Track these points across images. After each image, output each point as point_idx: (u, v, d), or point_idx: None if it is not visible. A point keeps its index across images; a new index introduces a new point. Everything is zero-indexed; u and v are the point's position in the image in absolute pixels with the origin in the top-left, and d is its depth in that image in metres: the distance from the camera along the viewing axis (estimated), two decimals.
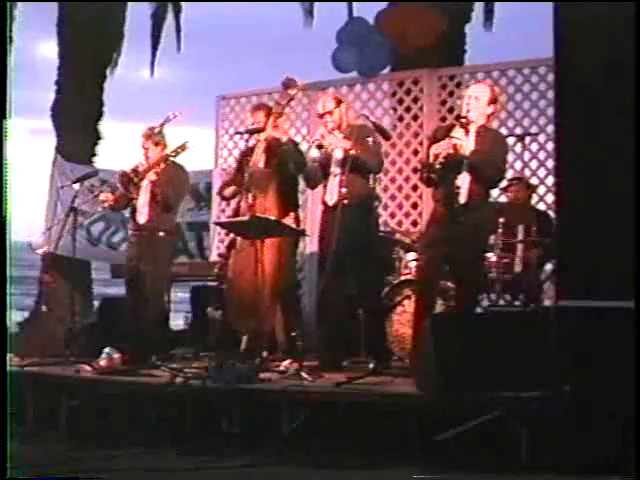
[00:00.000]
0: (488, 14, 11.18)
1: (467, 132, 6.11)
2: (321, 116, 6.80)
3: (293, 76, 6.87)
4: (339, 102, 6.82)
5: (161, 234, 6.94)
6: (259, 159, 6.81)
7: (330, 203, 6.64)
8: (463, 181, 6.06)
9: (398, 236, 7.75)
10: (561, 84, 5.42)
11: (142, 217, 6.99)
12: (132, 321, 6.95)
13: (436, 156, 6.03)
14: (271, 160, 6.85)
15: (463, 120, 6.13)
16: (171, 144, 7.05)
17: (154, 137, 7.02)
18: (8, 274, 5.45)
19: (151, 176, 6.93)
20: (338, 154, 6.61)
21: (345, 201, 6.40)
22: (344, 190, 6.42)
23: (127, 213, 10.26)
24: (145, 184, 6.97)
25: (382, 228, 7.69)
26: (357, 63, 8.62)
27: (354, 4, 11.16)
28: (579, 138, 5.21)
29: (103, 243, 10.96)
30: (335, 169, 6.63)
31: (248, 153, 7.04)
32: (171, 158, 6.93)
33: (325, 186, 6.76)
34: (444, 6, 9.02)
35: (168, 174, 6.94)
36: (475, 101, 6.19)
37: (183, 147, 6.93)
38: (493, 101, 6.29)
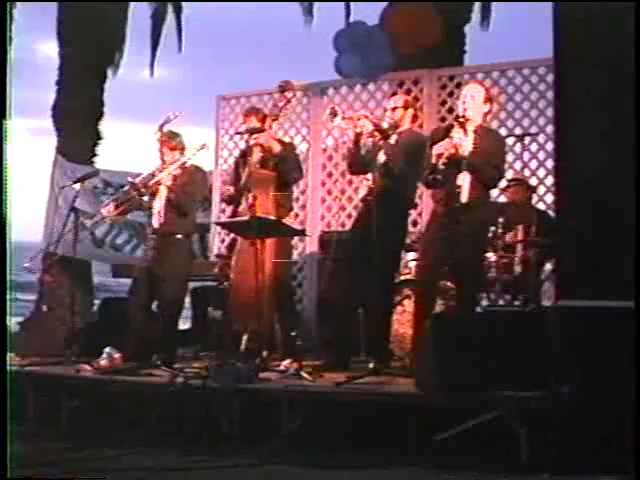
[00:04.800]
0: (485, 14, 11.20)
1: (466, 131, 6.12)
2: (387, 109, 6.93)
3: (291, 78, 6.89)
4: (407, 106, 6.86)
5: (179, 236, 6.95)
6: (256, 162, 6.81)
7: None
8: (464, 180, 6.07)
9: None
10: (561, 84, 5.42)
11: (159, 221, 6.98)
12: (139, 321, 6.91)
13: (438, 156, 6.04)
14: (268, 164, 6.86)
15: (461, 119, 6.15)
16: (188, 147, 7.03)
17: (170, 141, 7.00)
18: (8, 274, 5.45)
19: (167, 181, 6.93)
20: (381, 157, 6.65)
21: (369, 198, 6.49)
22: (372, 186, 6.51)
23: (130, 215, 10.28)
24: (162, 188, 6.96)
25: None
26: (359, 68, 8.62)
27: (353, 4, 11.20)
28: (579, 138, 5.21)
29: (107, 245, 10.95)
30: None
31: (247, 154, 7.04)
32: (188, 162, 6.94)
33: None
34: (444, 6, 9.03)
35: (184, 178, 6.95)
36: (471, 99, 6.21)
37: (198, 150, 6.94)
38: (488, 100, 6.32)
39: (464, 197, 6.06)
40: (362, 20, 8.93)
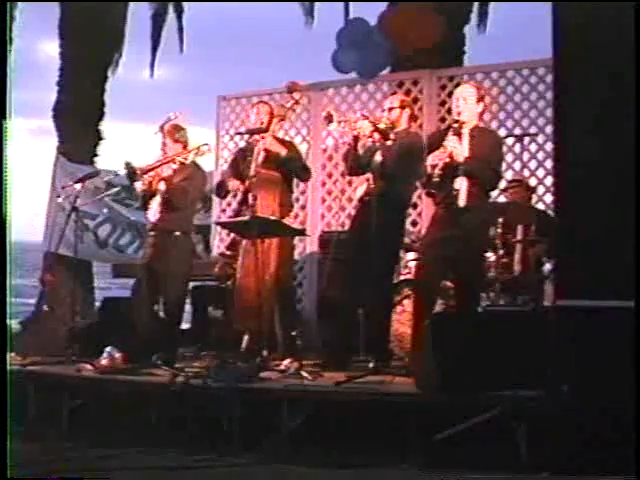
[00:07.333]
0: (482, 17, 11.22)
1: (460, 137, 6.11)
2: (384, 109, 6.91)
3: (291, 78, 6.88)
4: (404, 106, 6.86)
5: (177, 234, 6.93)
6: (260, 163, 6.78)
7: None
8: (461, 185, 6.07)
9: None
10: (560, 85, 5.43)
11: (157, 217, 6.96)
12: (141, 320, 6.91)
13: (433, 167, 6.03)
14: (271, 165, 6.84)
15: (456, 125, 6.14)
16: (192, 143, 7.01)
17: (175, 134, 6.97)
18: (8, 273, 5.46)
19: (164, 172, 6.90)
20: (378, 157, 6.66)
21: (367, 198, 6.49)
22: (372, 186, 6.51)
23: (133, 216, 10.27)
24: (160, 184, 6.94)
25: None
26: (356, 64, 8.63)
27: (352, 5, 11.22)
28: (578, 138, 5.22)
29: (110, 246, 10.95)
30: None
31: (247, 152, 7.03)
32: (189, 158, 6.92)
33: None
34: (444, 7, 9.05)
35: (181, 173, 6.91)
36: (464, 102, 6.21)
37: (199, 151, 6.92)
38: (481, 99, 6.31)
39: (462, 201, 6.06)
40: (362, 17, 8.96)
